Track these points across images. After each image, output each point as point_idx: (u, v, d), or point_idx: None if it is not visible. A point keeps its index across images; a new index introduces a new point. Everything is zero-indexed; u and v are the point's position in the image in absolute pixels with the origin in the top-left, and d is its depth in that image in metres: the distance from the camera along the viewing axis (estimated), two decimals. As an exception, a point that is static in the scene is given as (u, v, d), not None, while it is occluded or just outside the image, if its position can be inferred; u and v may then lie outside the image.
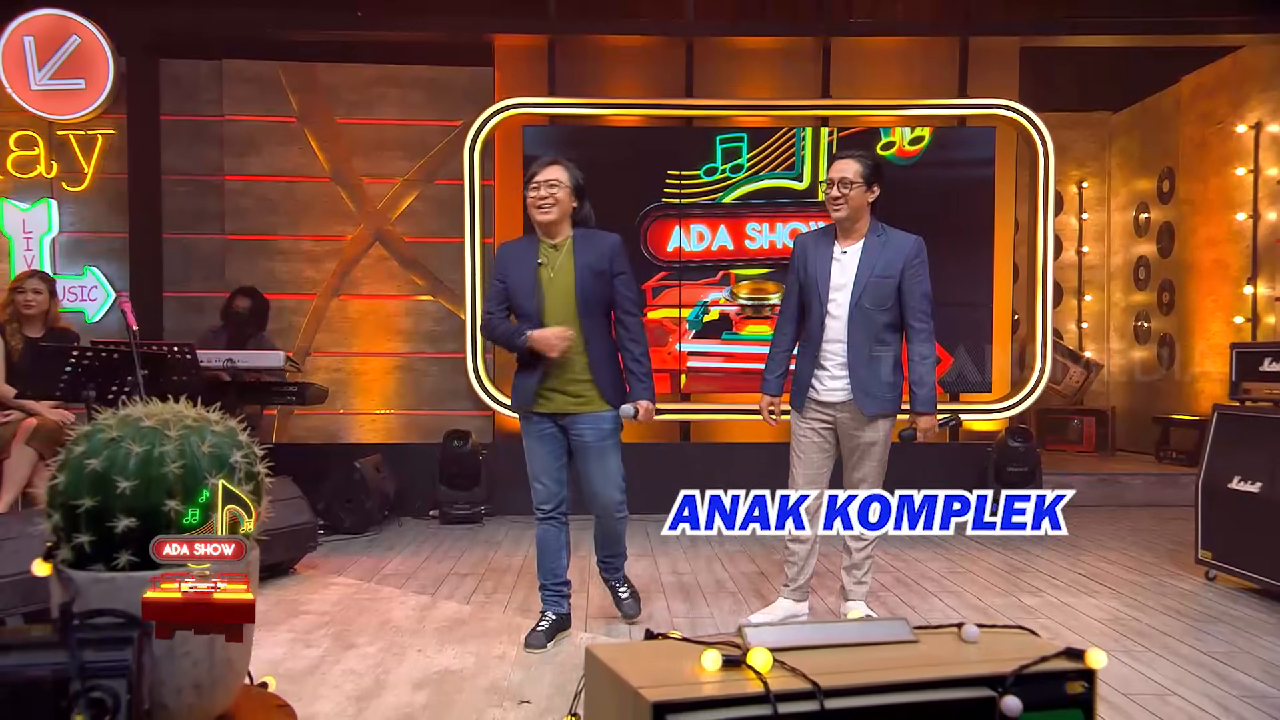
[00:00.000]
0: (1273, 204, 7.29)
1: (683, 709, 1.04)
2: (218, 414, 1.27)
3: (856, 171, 3.76)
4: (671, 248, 6.93)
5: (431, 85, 7.15)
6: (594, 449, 3.81)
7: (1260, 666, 3.42)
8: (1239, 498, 4.45)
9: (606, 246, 3.77)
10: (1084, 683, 1.21)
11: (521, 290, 3.74)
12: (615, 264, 3.74)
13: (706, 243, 6.94)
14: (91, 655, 1.04)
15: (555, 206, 3.76)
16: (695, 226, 6.93)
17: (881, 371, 3.85)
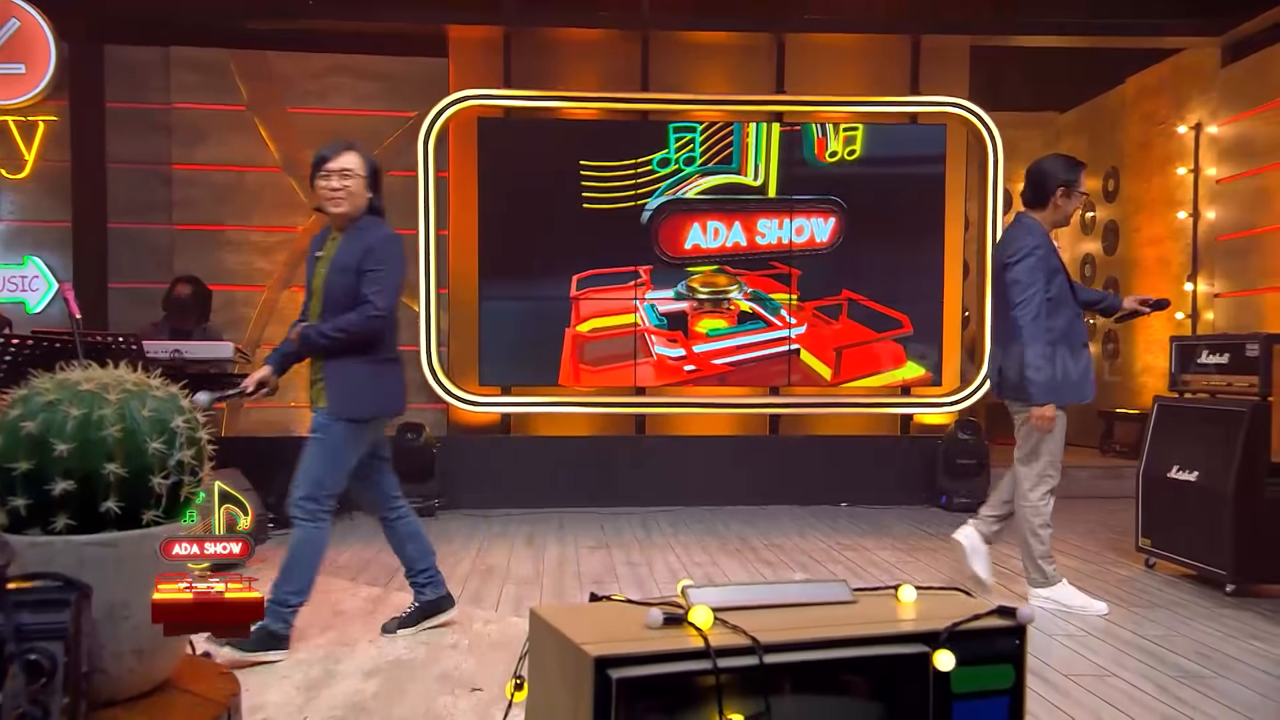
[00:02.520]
0: (1212, 203, 7.49)
1: (624, 663, 1.05)
2: (159, 380, 1.26)
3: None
4: (690, 244, 6.95)
5: (385, 76, 7.10)
6: (305, 446, 3.63)
7: (1195, 649, 3.52)
8: (1177, 486, 4.57)
9: (366, 242, 3.42)
10: (1015, 639, 1.25)
11: (306, 284, 3.62)
12: (367, 260, 3.39)
13: (721, 239, 6.98)
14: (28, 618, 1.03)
15: (347, 200, 3.46)
16: (712, 223, 6.96)
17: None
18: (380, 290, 3.39)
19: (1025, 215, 4.12)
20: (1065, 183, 4.02)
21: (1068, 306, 4.00)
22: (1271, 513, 4.13)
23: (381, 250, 3.42)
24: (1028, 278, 3.88)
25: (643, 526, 6.01)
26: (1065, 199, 4.03)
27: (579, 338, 6.89)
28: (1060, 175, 4.03)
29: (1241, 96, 7.21)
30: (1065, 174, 4.03)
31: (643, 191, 6.94)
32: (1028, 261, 3.90)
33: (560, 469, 6.75)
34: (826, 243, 7.00)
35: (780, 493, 6.80)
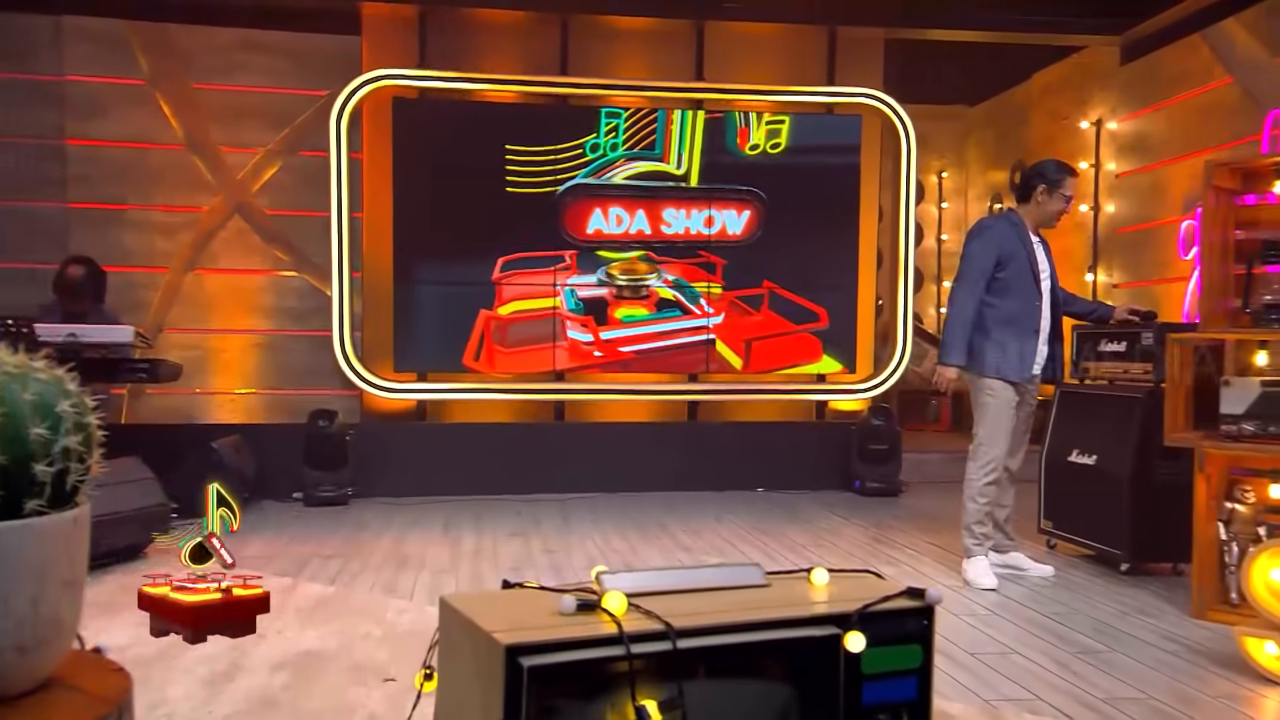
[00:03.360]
0: (1111, 197, 7.78)
1: (536, 651, 1.03)
2: (43, 361, 1.19)
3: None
4: (591, 229, 6.88)
5: (295, 53, 6.88)
6: None
7: (1092, 625, 3.66)
8: (1077, 470, 4.74)
9: None
10: (924, 619, 1.27)
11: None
12: None
13: (625, 225, 6.93)
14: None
15: None
16: (614, 209, 6.92)
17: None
18: None
19: (1010, 209, 4.53)
20: (1049, 182, 4.34)
21: (1022, 293, 4.29)
22: (1163, 495, 4.30)
23: None
24: (967, 254, 4.36)
25: (561, 514, 5.99)
26: (1046, 196, 4.35)
27: (497, 320, 6.81)
28: (1047, 175, 4.36)
29: (1139, 94, 7.49)
30: (1051, 175, 4.35)
31: (564, 177, 6.89)
32: (973, 243, 4.35)
33: (478, 456, 6.68)
34: (740, 235, 7.04)
35: (698, 479, 6.85)
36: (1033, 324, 4.32)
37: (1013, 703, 2.88)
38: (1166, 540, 4.32)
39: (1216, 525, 3.80)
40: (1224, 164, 3.94)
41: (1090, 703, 2.88)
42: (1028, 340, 4.31)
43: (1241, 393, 3.71)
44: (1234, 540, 3.76)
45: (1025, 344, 4.30)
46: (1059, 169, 4.39)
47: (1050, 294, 4.40)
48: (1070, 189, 4.38)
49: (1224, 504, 3.81)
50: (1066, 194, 4.36)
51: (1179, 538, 4.09)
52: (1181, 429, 3.98)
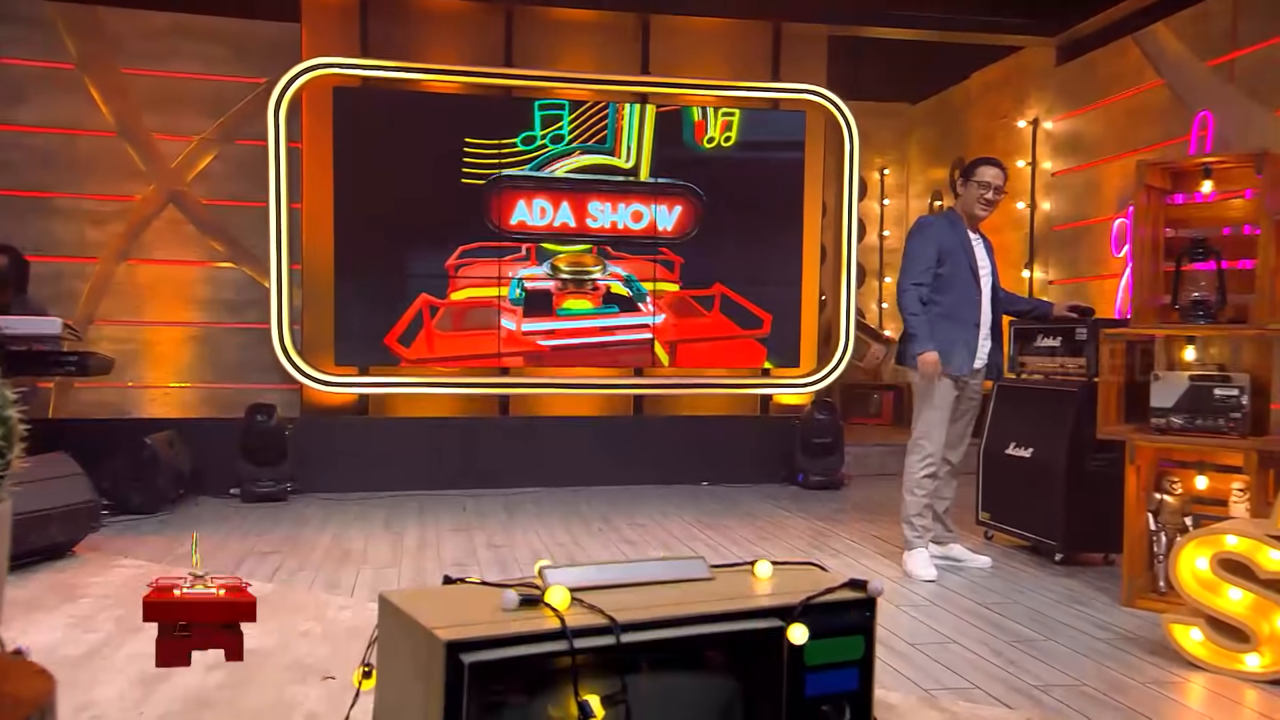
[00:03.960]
0: (1047, 194, 7.94)
1: (478, 647, 1.02)
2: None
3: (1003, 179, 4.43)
4: (515, 220, 6.82)
5: (231, 39, 6.71)
6: None
7: (1028, 615, 3.74)
8: (1014, 463, 4.84)
9: None
10: (866, 611, 1.28)
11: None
12: None
13: (549, 218, 6.88)
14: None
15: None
16: (538, 201, 6.86)
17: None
18: None
19: (950, 207, 4.64)
20: (965, 173, 4.49)
21: (961, 289, 4.40)
22: (1096, 487, 4.42)
23: None
24: (908, 252, 4.52)
25: (506, 508, 5.95)
26: (964, 187, 4.49)
27: (435, 304, 6.73)
28: (965, 167, 4.53)
29: (1074, 95, 7.66)
30: (969, 165, 4.51)
31: (509, 168, 6.83)
32: (913, 241, 4.50)
33: (421, 450, 6.61)
34: (672, 231, 7.03)
35: (643, 473, 6.86)
36: (973, 318, 4.40)
37: (951, 691, 2.93)
38: (1098, 531, 4.43)
39: (1146, 516, 3.91)
40: (1155, 164, 4.04)
41: (1025, 690, 2.94)
42: (969, 334, 4.39)
43: (1170, 387, 3.82)
44: (1162, 530, 3.87)
45: (966, 338, 4.38)
46: (978, 160, 4.51)
47: (991, 290, 4.48)
48: (986, 176, 4.40)
49: (1153, 495, 3.92)
50: (981, 180, 4.40)
51: (1110, 528, 4.20)
52: (1114, 422, 4.09)
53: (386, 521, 5.49)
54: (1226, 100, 6.06)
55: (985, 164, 4.46)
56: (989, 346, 4.49)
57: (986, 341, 4.47)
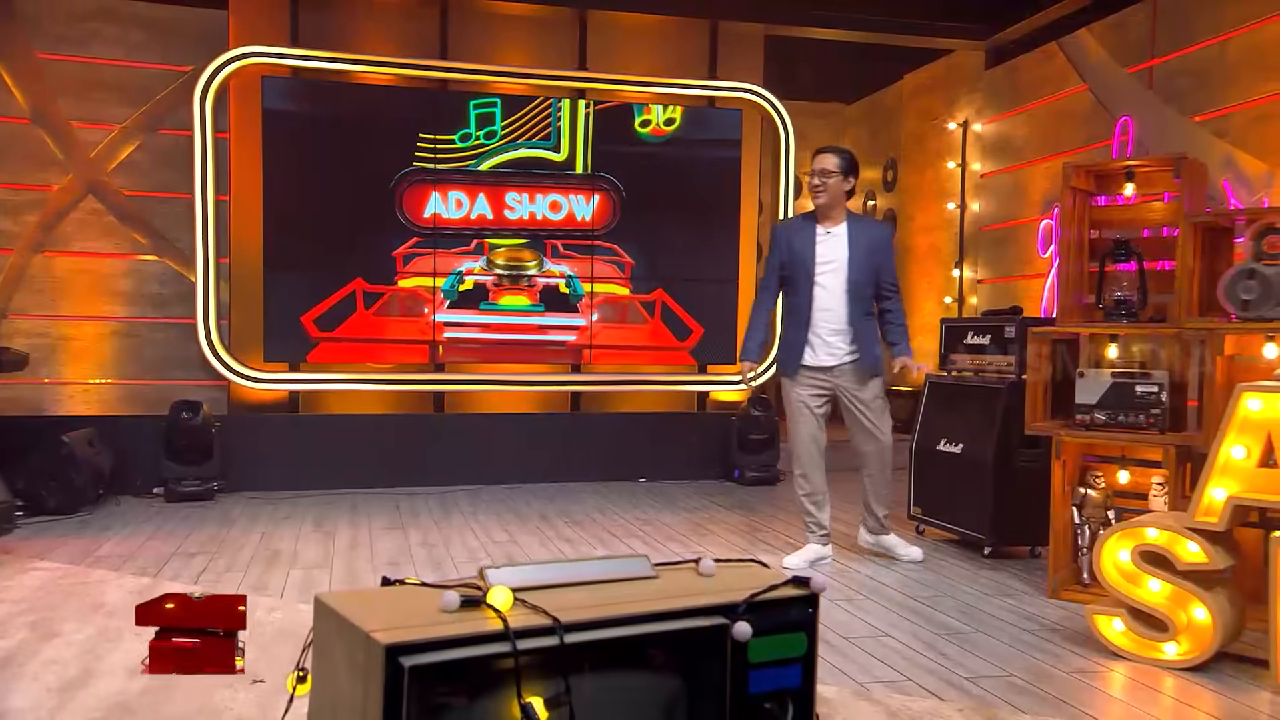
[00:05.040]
0: (977, 195, 8.12)
1: (418, 650, 1.00)
2: None
3: (835, 163, 4.34)
4: (428, 214, 6.73)
5: (154, 24, 6.50)
6: None
7: (958, 608, 3.82)
8: (944, 458, 4.94)
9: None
10: (808, 607, 1.29)
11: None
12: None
13: (465, 210, 6.80)
14: None
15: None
16: (454, 193, 6.77)
17: (874, 335, 4.46)
18: None
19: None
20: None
21: (797, 288, 4.46)
22: (1023, 481, 4.52)
23: None
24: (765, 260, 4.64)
25: (441, 506, 5.88)
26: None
27: (375, 293, 6.63)
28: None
29: (1002, 98, 7.84)
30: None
31: (442, 159, 6.75)
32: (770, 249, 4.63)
33: (353, 448, 6.49)
34: (589, 222, 7.01)
35: (580, 470, 6.83)
36: (804, 316, 4.42)
37: (884, 684, 2.97)
38: (1025, 524, 4.54)
39: (1070, 510, 4.02)
40: (1080, 166, 4.15)
41: (956, 681, 3.00)
42: (800, 334, 4.43)
43: (1094, 384, 3.93)
44: (1086, 524, 3.98)
45: (799, 338, 4.43)
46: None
47: (847, 283, 4.38)
48: (811, 165, 4.49)
49: (1078, 489, 4.03)
50: (810, 174, 4.49)
51: (1037, 522, 4.31)
52: (1040, 418, 4.19)
53: (317, 521, 5.39)
54: (1145, 106, 6.26)
55: (815, 157, 4.52)
56: (847, 340, 4.40)
57: (838, 337, 4.40)
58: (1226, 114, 5.69)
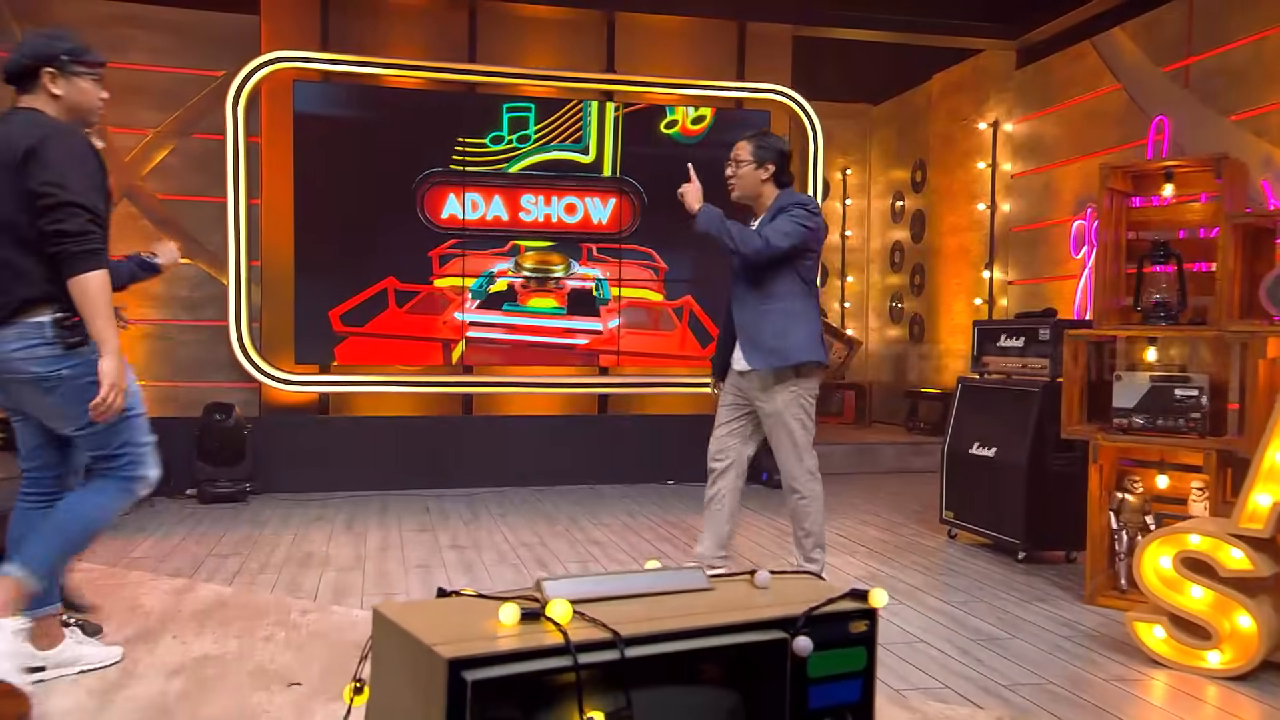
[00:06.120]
0: (1007, 196, 8.05)
1: (480, 664, 0.99)
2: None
3: (748, 151, 3.98)
4: (446, 215, 6.75)
5: (187, 30, 6.57)
6: None
7: (993, 613, 3.78)
8: (977, 462, 4.89)
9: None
10: (867, 621, 1.27)
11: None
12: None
13: (481, 212, 6.81)
14: None
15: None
16: (470, 195, 6.79)
17: (767, 328, 3.85)
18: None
19: None
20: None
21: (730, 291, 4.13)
22: (1058, 485, 4.48)
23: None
24: None
25: (469, 508, 5.90)
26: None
27: (409, 292, 6.67)
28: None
29: (1033, 98, 7.77)
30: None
31: (472, 162, 6.77)
32: None
33: (382, 450, 6.52)
34: (606, 226, 6.99)
35: (608, 472, 6.83)
36: (729, 317, 4.09)
37: (920, 691, 2.95)
38: (1060, 529, 4.51)
39: (1107, 515, 3.97)
40: (1118, 167, 4.10)
41: (993, 688, 2.97)
42: (728, 337, 4.10)
43: (1132, 387, 3.88)
44: (1124, 529, 3.93)
45: (727, 342, 4.11)
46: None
47: (743, 272, 3.96)
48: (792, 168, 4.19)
49: (1115, 494, 3.98)
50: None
51: (1072, 527, 4.27)
52: (1076, 422, 4.14)
53: (348, 522, 5.42)
54: (1181, 105, 6.18)
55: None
56: (744, 338, 3.94)
57: (742, 337, 3.95)
58: (1265, 113, 5.60)
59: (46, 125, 2.70)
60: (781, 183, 4.01)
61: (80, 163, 2.68)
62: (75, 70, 2.80)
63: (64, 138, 2.69)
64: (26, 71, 2.76)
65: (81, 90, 2.83)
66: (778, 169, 3.97)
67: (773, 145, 3.99)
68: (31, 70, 2.76)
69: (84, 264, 2.64)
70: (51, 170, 2.61)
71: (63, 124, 2.75)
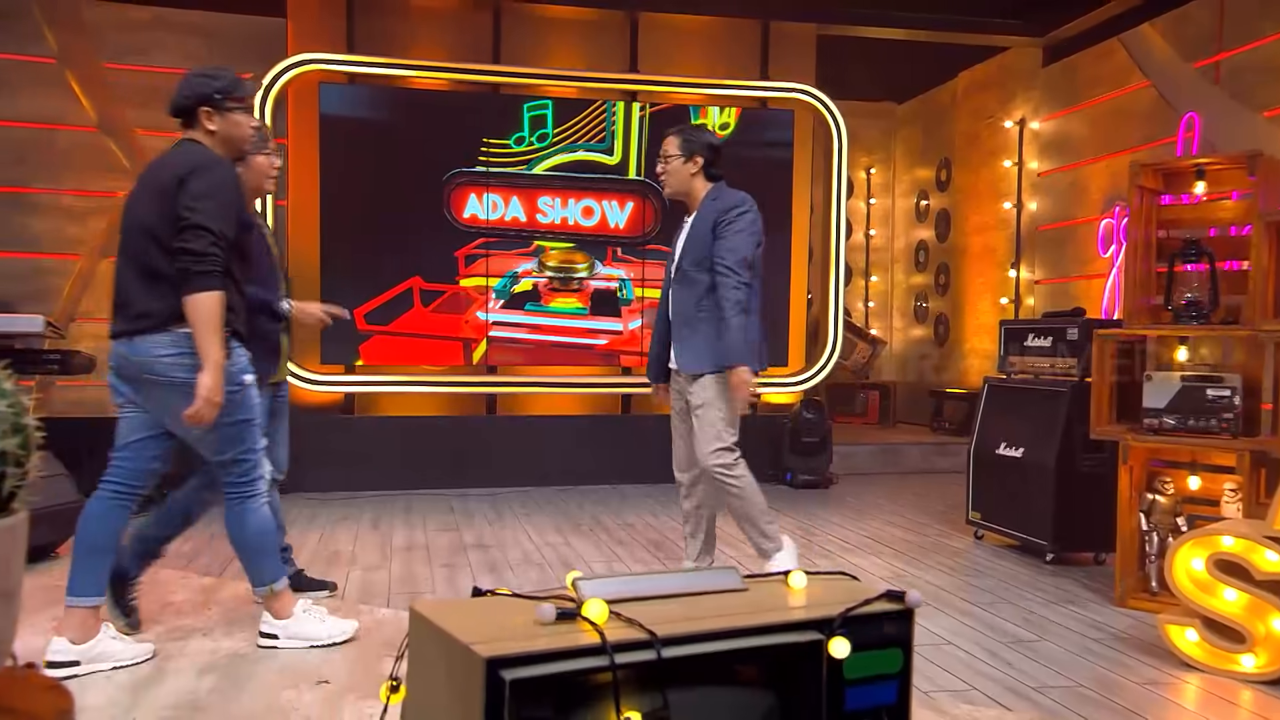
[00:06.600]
0: (1034, 194, 7.98)
1: (518, 663, 0.99)
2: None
3: (676, 145, 3.85)
4: (468, 214, 6.78)
5: (215, 33, 6.64)
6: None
7: (1020, 615, 3.75)
8: (1004, 463, 4.85)
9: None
10: (903, 622, 1.27)
11: None
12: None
13: (500, 212, 6.83)
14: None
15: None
16: (491, 195, 6.81)
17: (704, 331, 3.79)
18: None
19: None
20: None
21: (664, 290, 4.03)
22: (1086, 486, 4.44)
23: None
24: None
25: (493, 508, 5.91)
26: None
27: (433, 291, 6.70)
28: None
29: (1059, 95, 7.70)
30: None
31: (496, 162, 6.79)
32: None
33: (407, 450, 6.56)
34: (624, 229, 6.98)
35: (631, 472, 6.83)
36: (663, 316, 4.00)
37: (949, 693, 2.93)
38: (1088, 530, 4.46)
39: (1138, 516, 3.93)
40: (1148, 165, 4.06)
41: (1022, 691, 2.95)
42: (663, 335, 4.03)
43: (1163, 387, 3.84)
44: (1154, 530, 3.89)
45: (662, 340, 4.04)
46: None
47: (675, 273, 3.89)
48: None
49: (1145, 495, 3.94)
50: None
51: (1100, 528, 4.23)
52: (1106, 422, 4.10)
53: (373, 521, 5.45)
54: (1212, 101, 6.11)
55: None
56: (679, 338, 3.88)
57: (677, 335, 3.90)
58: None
59: (198, 157, 2.94)
60: (712, 176, 3.91)
61: (219, 191, 2.90)
62: (228, 106, 3.05)
63: (210, 169, 2.92)
64: (188, 109, 3.02)
65: (234, 123, 3.07)
66: (707, 161, 3.87)
67: (701, 138, 3.88)
68: (191, 108, 3.02)
69: (200, 283, 2.83)
70: (190, 196, 2.84)
71: (212, 156, 2.99)
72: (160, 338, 2.92)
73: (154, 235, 2.90)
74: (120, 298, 3.00)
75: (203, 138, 3.03)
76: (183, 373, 2.91)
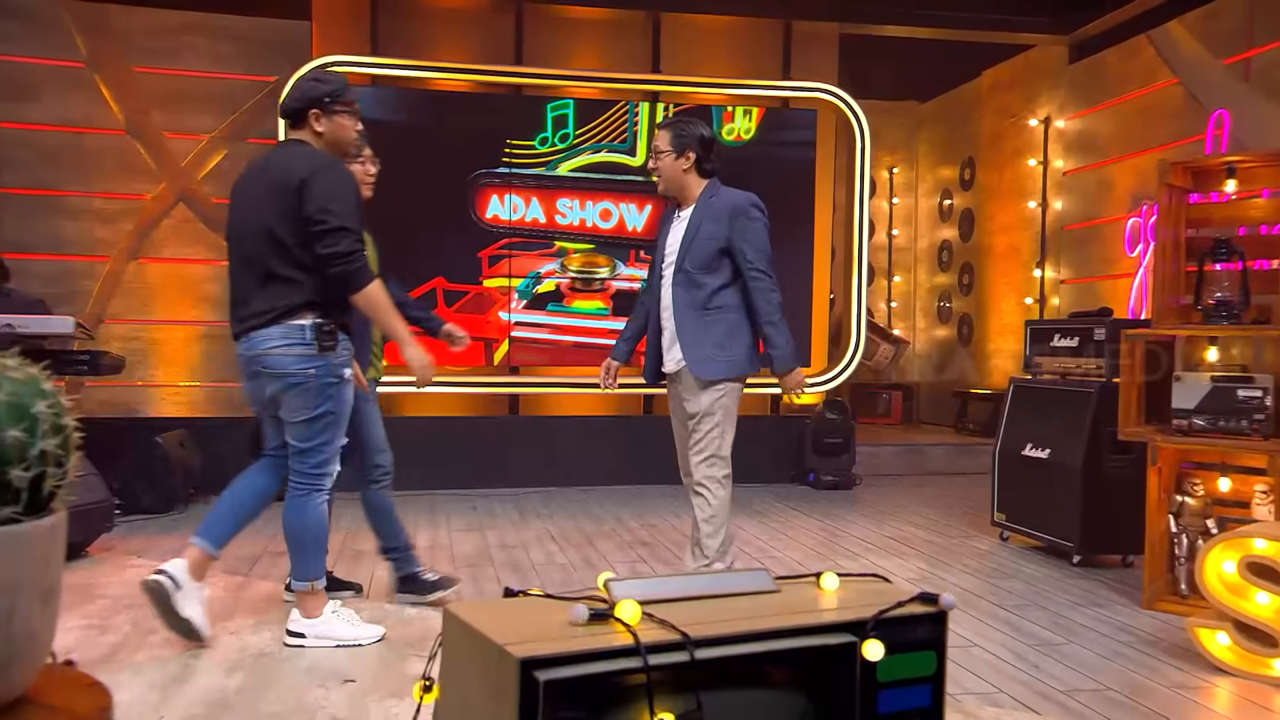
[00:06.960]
0: (1059, 193, 7.92)
1: (552, 664, 1.00)
2: (16, 360, 1.11)
3: (666, 140, 3.71)
4: (490, 215, 6.80)
5: (241, 36, 6.69)
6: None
7: (1048, 617, 3.72)
8: (1030, 464, 4.82)
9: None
10: (937, 625, 1.26)
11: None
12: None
13: (521, 213, 6.84)
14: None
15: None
16: (511, 197, 6.82)
17: (712, 336, 3.69)
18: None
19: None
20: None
21: (652, 287, 3.94)
22: (1114, 488, 4.40)
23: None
24: None
25: (516, 508, 5.93)
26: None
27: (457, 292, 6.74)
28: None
29: (1085, 93, 7.63)
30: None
31: (519, 163, 6.81)
32: None
33: (430, 450, 6.58)
34: (642, 232, 6.95)
35: (653, 472, 6.82)
36: (655, 315, 3.88)
37: (976, 696, 2.91)
38: (1116, 532, 4.42)
39: (1167, 518, 3.89)
40: (1177, 163, 4.01)
41: (1049, 694, 2.92)
42: (655, 336, 3.91)
43: (1192, 388, 3.79)
44: (1184, 533, 3.85)
45: (654, 340, 3.92)
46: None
47: (676, 272, 3.73)
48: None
49: (1174, 497, 3.90)
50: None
51: (1128, 530, 4.18)
52: (1134, 423, 4.06)
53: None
54: (1242, 99, 6.03)
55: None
56: (677, 341, 3.75)
57: (672, 337, 3.77)
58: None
59: (317, 159, 3.07)
60: (706, 171, 3.76)
61: (345, 191, 3.05)
62: (335, 109, 3.17)
63: (330, 170, 3.05)
64: (298, 111, 3.16)
65: (340, 126, 3.20)
66: (699, 157, 3.72)
67: (692, 132, 3.72)
68: (302, 110, 3.16)
69: (360, 279, 3.03)
70: (321, 199, 2.97)
71: (327, 156, 3.13)
72: (272, 330, 3.05)
73: (273, 235, 3.02)
74: (237, 298, 3.14)
75: (310, 139, 3.14)
76: (294, 364, 3.05)
